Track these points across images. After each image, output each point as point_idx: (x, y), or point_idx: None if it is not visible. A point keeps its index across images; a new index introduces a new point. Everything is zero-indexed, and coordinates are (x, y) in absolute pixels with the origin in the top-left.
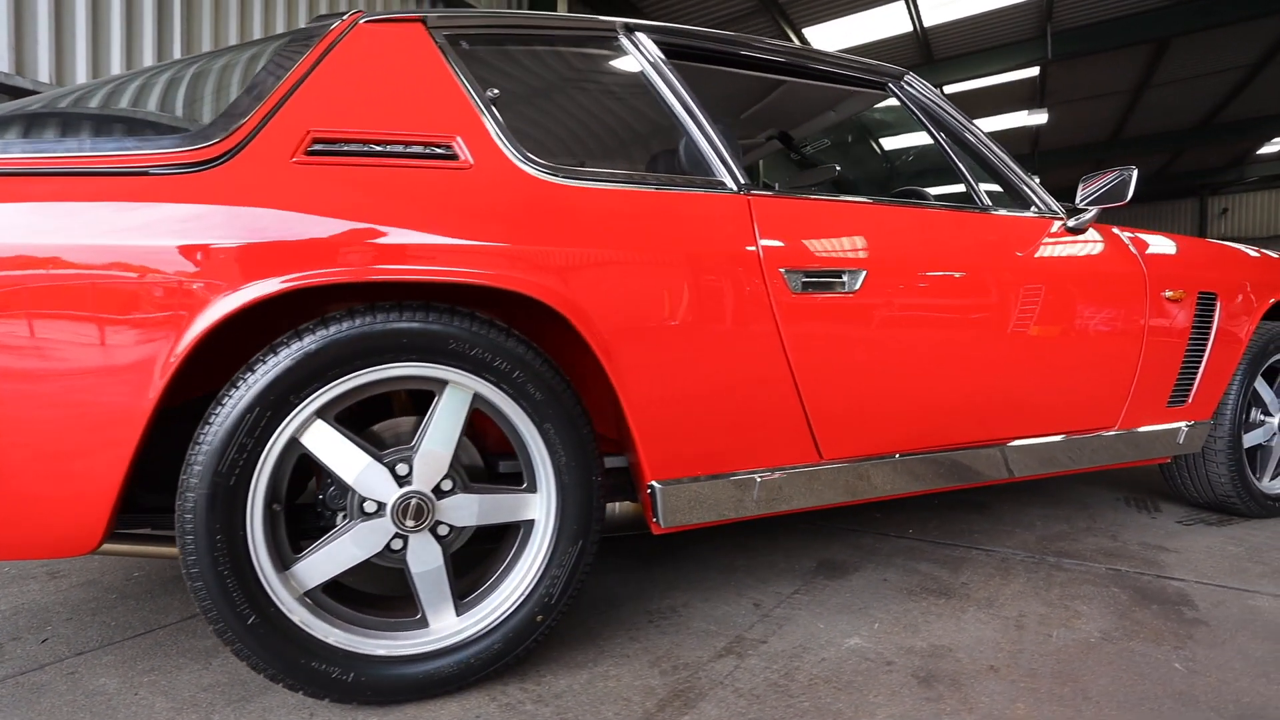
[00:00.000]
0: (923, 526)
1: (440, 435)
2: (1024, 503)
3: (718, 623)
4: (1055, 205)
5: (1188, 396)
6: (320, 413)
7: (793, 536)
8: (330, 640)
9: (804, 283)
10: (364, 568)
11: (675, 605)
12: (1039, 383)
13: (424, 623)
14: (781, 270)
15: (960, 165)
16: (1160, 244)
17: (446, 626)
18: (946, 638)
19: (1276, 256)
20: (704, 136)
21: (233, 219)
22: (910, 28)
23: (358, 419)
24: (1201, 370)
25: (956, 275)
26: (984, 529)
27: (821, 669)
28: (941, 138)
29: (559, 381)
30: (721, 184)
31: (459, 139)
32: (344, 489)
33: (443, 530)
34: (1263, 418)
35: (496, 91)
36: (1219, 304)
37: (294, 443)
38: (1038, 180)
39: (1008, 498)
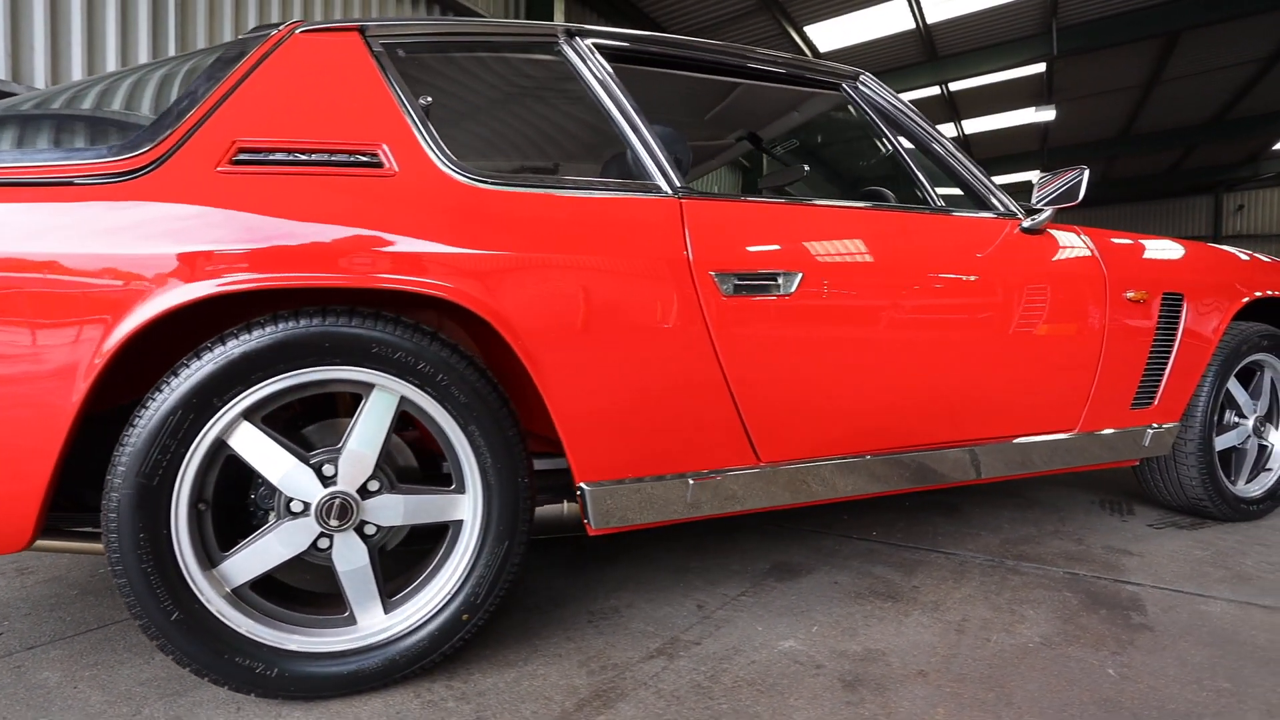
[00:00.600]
0: (889, 529)
1: (366, 437)
2: (996, 505)
3: (657, 624)
4: (1014, 206)
5: (1153, 398)
6: (247, 415)
7: (751, 538)
8: (255, 636)
9: (736, 285)
10: (310, 566)
11: (619, 606)
12: (992, 384)
13: (352, 620)
14: (712, 273)
15: (912, 166)
16: (1124, 245)
17: (374, 624)
18: (883, 642)
19: (1264, 259)
20: (639, 140)
21: (154, 228)
22: (913, 25)
23: (305, 419)
24: (1167, 372)
25: (902, 277)
26: (949, 531)
27: (749, 671)
28: (895, 139)
29: (484, 384)
30: (655, 187)
31: (385, 147)
32: (273, 489)
33: (370, 530)
34: (1236, 420)
35: (429, 99)
36: (1185, 305)
37: (220, 444)
38: (996, 182)
39: (979, 500)
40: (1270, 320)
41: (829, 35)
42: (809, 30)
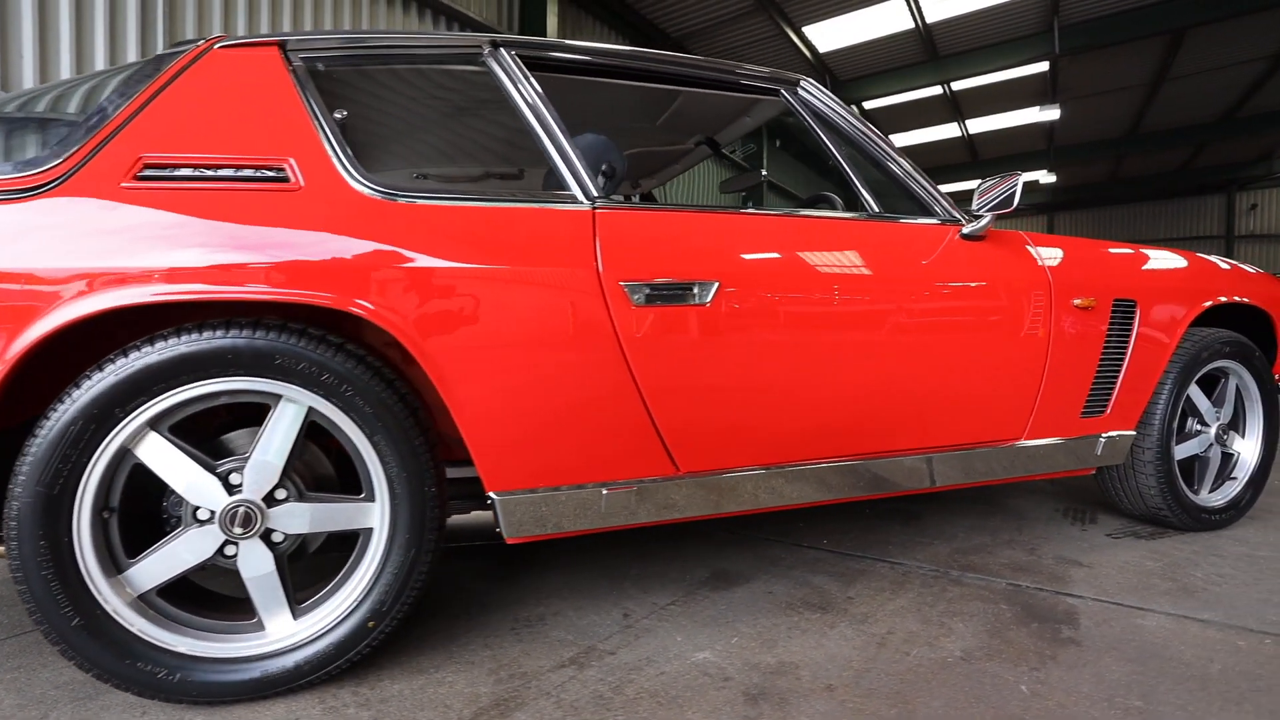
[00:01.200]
0: (842, 537)
1: (272, 446)
2: (956, 513)
3: (578, 632)
4: (957, 213)
5: (1106, 406)
6: (154, 424)
7: (697, 545)
8: (158, 641)
9: (648, 295)
10: (230, 572)
11: (546, 613)
12: (928, 393)
13: (260, 626)
14: (622, 284)
15: (849, 172)
16: (1073, 250)
17: (282, 630)
18: (800, 654)
19: (1245, 268)
20: (556, 151)
21: (54, 243)
22: (912, 25)
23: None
24: (1120, 380)
25: (829, 284)
26: (902, 540)
27: (655, 683)
28: (834, 145)
29: (388, 395)
30: (570, 198)
31: (292, 161)
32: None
33: (277, 537)
34: (1198, 428)
35: (344, 113)
36: (1139, 311)
37: (126, 453)
38: (940, 189)
39: (940, 507)
40: (1239, 327)
41: (827, 36)
42: (807, 31)
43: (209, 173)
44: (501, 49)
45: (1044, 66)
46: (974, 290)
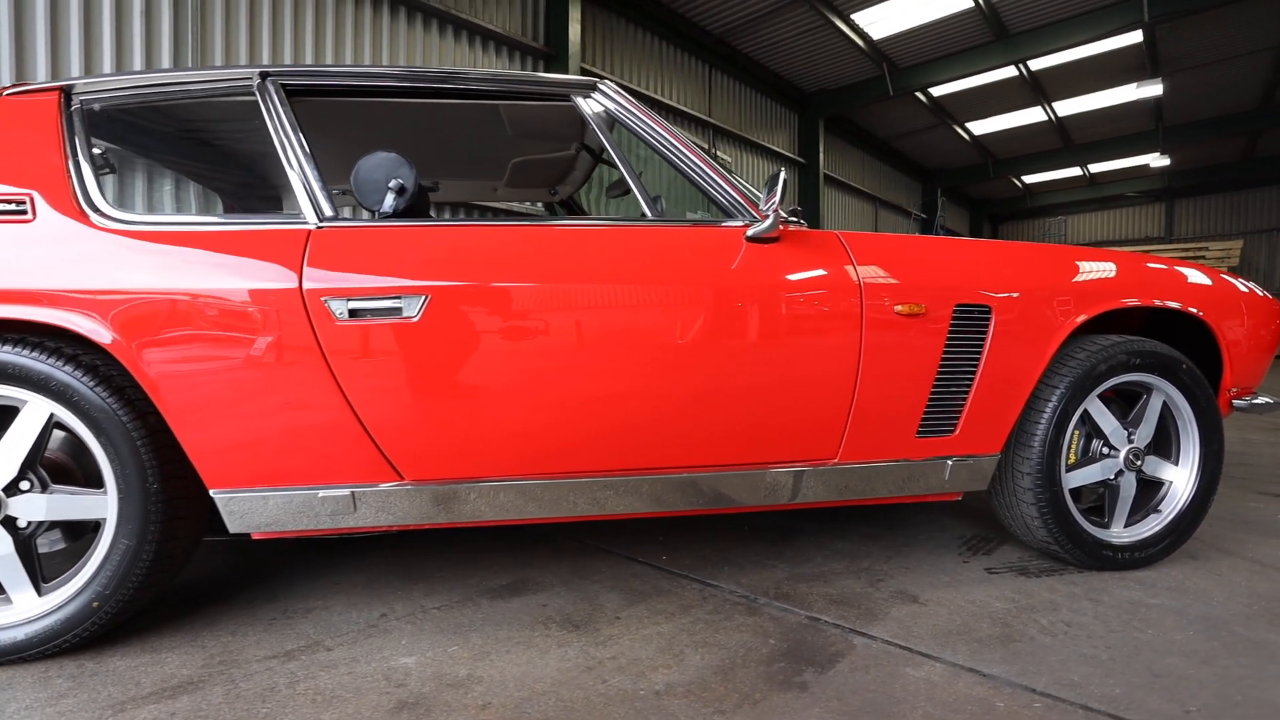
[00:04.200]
0: (684, 552)
1: (11, 444)
2: (838, 534)
3: (322, 627)
4: (755, 215)
5: (953, 426)
6: None
7: (524, 552)
8: None
9: (351, 311)
10: None
11: (315, 607)
12: (695, 408)
13: (9, 601)
14: (325, 300)
15: (631, 176)
16: (895, 252)
17: (27, 605)
18: (499, 671)
19: (1189, 270)
20: (295, 173)
21: None
22: (972, 3)
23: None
24: (970, 396)
25: (565, 293)
26: (747, 561)
27: (333, 681)
28: (616, 150)
29: (112, 401)
30: (297, 217)
31: (34, 194)
32: None
33: (22, 523)
34: (1105, 451)
35: (99, 150)
36: (993, 318)
37: None
38: (739, 189)
39: (823, 527)
40: (1169, 334)
41: (881, 22)
42: (857, 18)
43: None
44: (269, 80)
45: (1136, 37)
46: (757, 296)
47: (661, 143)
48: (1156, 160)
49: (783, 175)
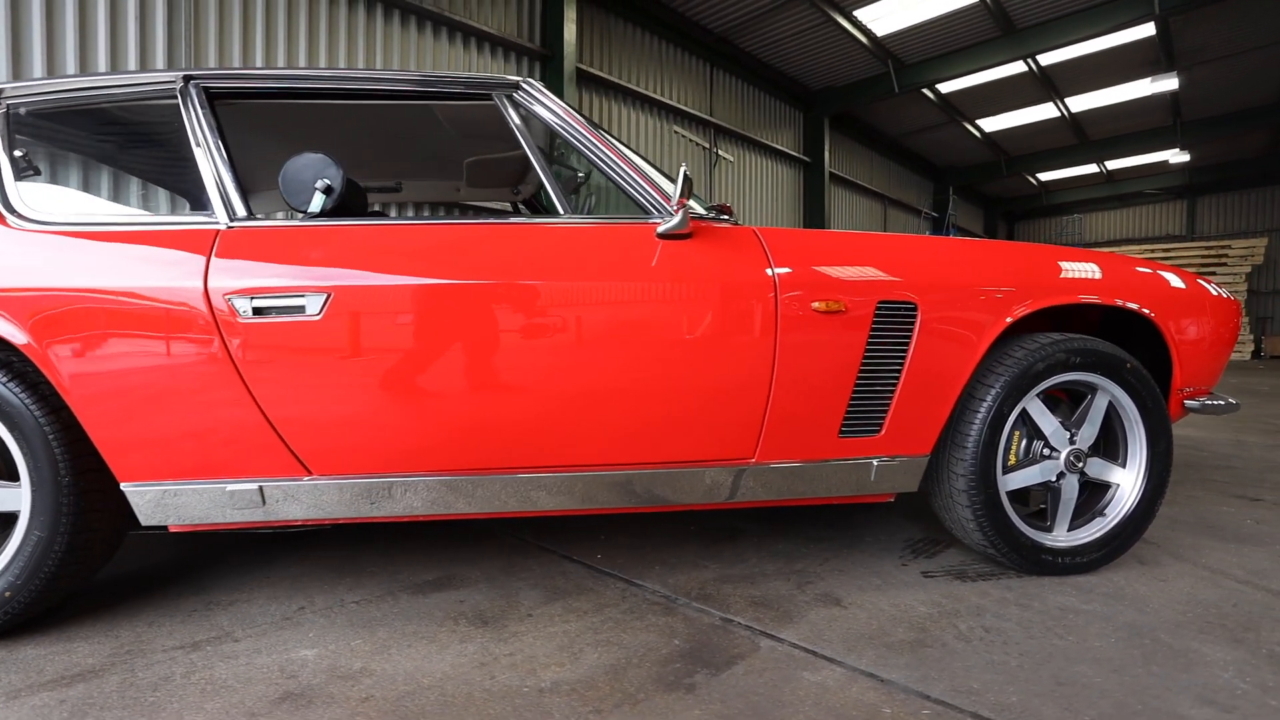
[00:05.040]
0: (620, 551)
1: None
2: (781, 535)
3: (237, 619)
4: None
5: (878, 426)
6: None
7: (461, 547)
8: None
9: (254, 309)
10: None
11: (238, 600)
12: (596, 406)
13: None
14: (229, 298)
15: (545, 175)
16: (813, 246)
17: None
18: (393, 665)
19: (1131, 267)
20: (211, 173)
21: None
22: None
23: None
24: (896, 395)
25: (466, 292)
26: (680, 559)
27: (228, 671)
28: (532, 149)
29: (25, 396)
30: (207, 218)
31: None
32: None
33: None
34: (1045, 452)
35: (20, 153)
36: (919, 316)
37: None
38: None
39: (769, 528)
40: (1127, 335)
41: (884, 18)
42: (859, 15)
43: None
44: (191, 84)
45: (1149, 30)
46: (664, 293)
47: (580, 140)
48: (1176, 156)
49: (684, 170)
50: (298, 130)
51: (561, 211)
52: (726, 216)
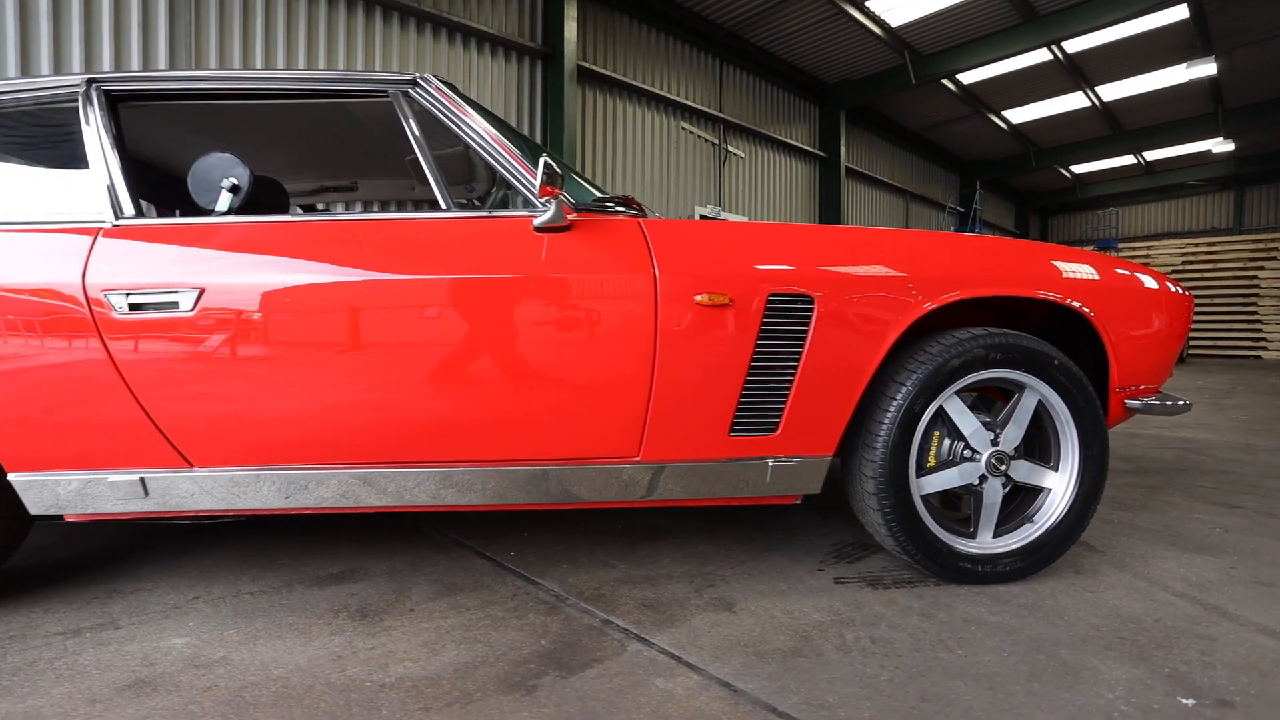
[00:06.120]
0: (535, 550)
1: None
2: (712, 535)
3: (129, 609)
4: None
5: (774, 425)
6: None
7: (375, 544)
8: None
9: (130, 305)
10: None
11: (143, 589)
12: (473, 402)
13: None
14: (106, 294)
15: (429, 170)
16: (707, 238)
17: None
18: (252, 655)
19: (1072, 262)
20: (101, 173)
21: None
22: None
23: None
24: (792, 393)
25: (336, 288)
26: (592, 559)
27: (90, 659)
28: (420, 147)
29: None
30: (93, 218)
31: None
32: None
33: None
34: (966, 454)
35: None
36: (815, 309)
37: None
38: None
39: (710, 526)
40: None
41: (898, 8)
42: (872, 5)
43: None
44: (94, 87)
45: (1182, 13)
46: (539, 287)
47: (473, 136)
48: (1219, 145)
49: (544, 159)
50: (249, 134)
51: (444, 206)
52: (623, 208)
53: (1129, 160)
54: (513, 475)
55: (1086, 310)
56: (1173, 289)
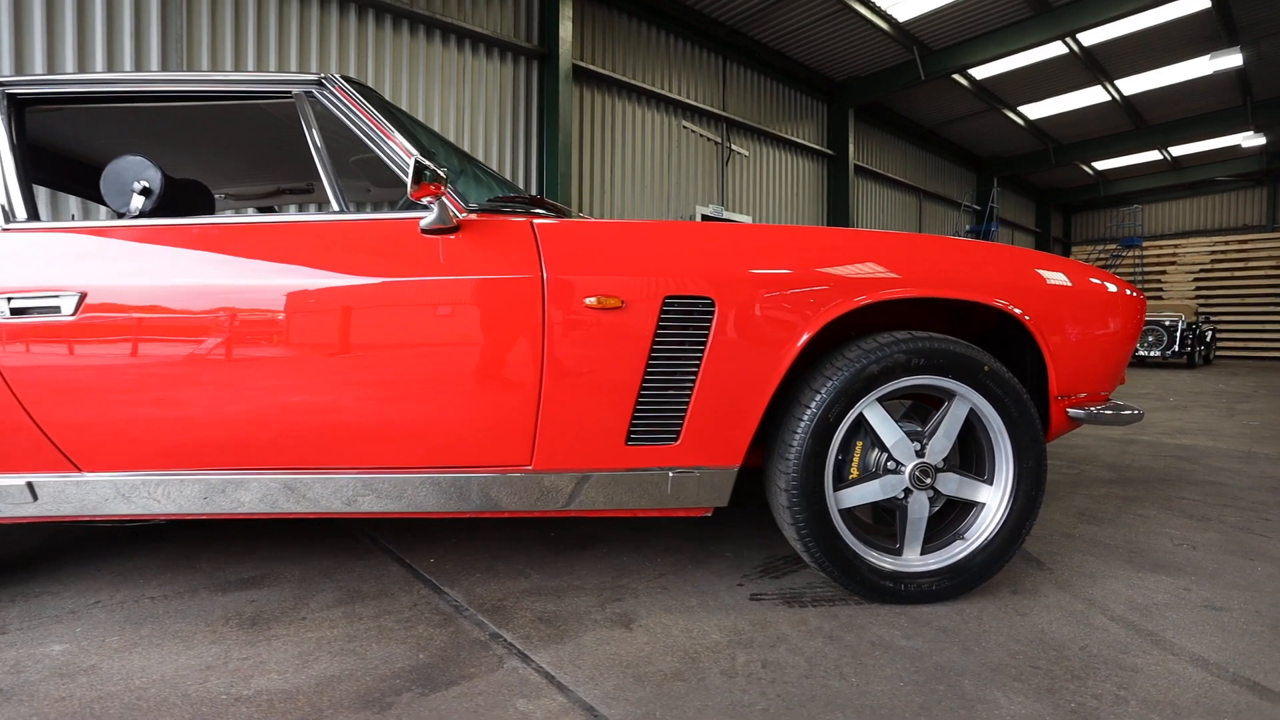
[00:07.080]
0: (457, 558)
1: None
2: (644, 546)
3: (32, 612)
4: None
5: (674, 434)
6: None
7: (294, 549)
8: None
9: (13, 309)
10: None
11: (51, 592)
12: (361, 408)
13: None
14: None
15: (324, 173)
16: (600, 239)
17: None
18: (124, 664)
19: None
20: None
21: None
22: None
23: None
24: (692, 400)
25: (218, 292)
26: (509, 567)
27: None
28: (316, 148)
29: None
30: None
31: None
32: None
33: None
34: (888, 465)
35: None
36: (716, 312)
37: None
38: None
39: (647, 536)
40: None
41: (905, 2)
42: (878, 0)
43: None
44: (4, 89)
45: (1203, 2)
46: (423, 291)
47: (373, 138)
48: (1250, 139)
49: (414, 160)
50: (193, 137)
51: (337, 207)
52: (524, 208)
53: (1154, 156)
54: (435, 482)
55: (1018, 312)
56: (1112, 288)
